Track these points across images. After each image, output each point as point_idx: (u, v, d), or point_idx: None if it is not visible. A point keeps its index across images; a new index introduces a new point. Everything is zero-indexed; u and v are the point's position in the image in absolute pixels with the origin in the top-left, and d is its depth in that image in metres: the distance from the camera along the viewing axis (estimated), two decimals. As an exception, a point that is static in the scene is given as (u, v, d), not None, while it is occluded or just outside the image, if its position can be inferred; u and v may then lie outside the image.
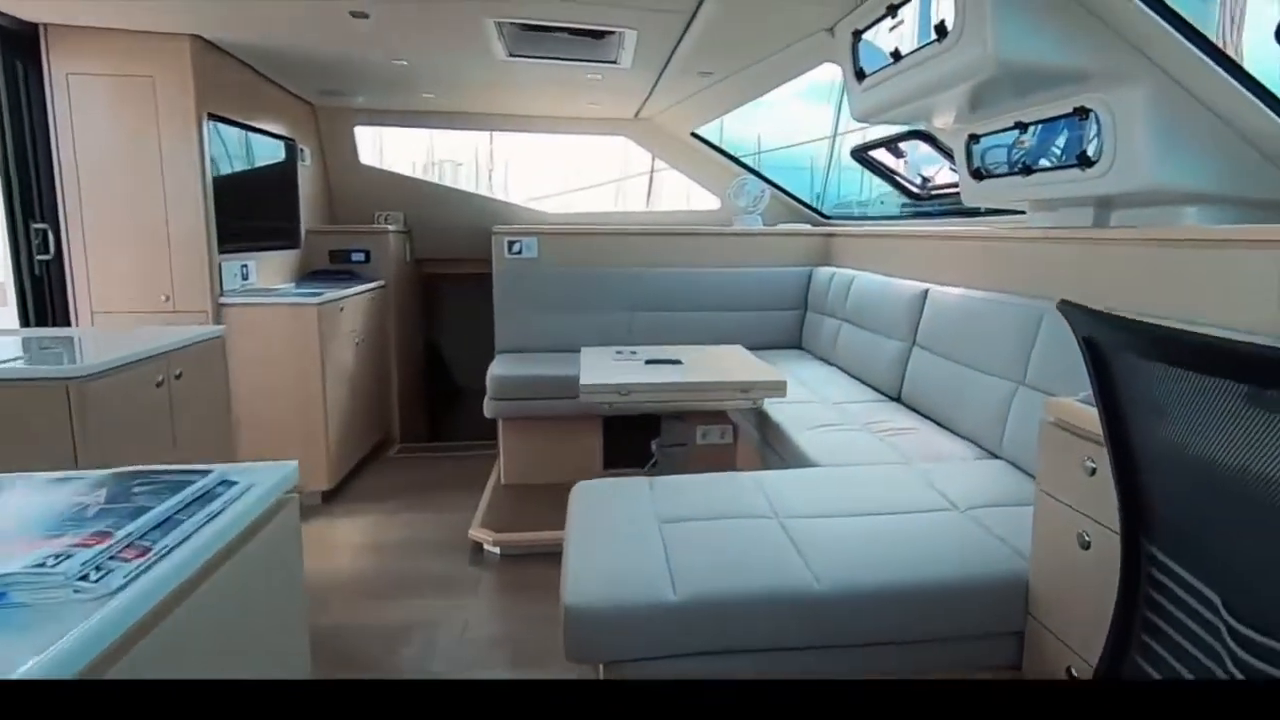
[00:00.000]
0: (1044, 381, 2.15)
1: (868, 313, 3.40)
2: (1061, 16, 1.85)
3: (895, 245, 3.56)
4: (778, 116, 6.15)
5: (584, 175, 8.57)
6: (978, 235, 2.82)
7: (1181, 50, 1.77)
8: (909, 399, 2.93)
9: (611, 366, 2.70)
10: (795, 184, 5.02)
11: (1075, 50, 1.89)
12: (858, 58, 2.58)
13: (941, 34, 2.00)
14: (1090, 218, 2.32)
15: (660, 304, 4.17)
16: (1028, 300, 2.37)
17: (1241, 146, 1.92)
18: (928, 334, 2.87)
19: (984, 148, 2.67)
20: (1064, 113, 2.19)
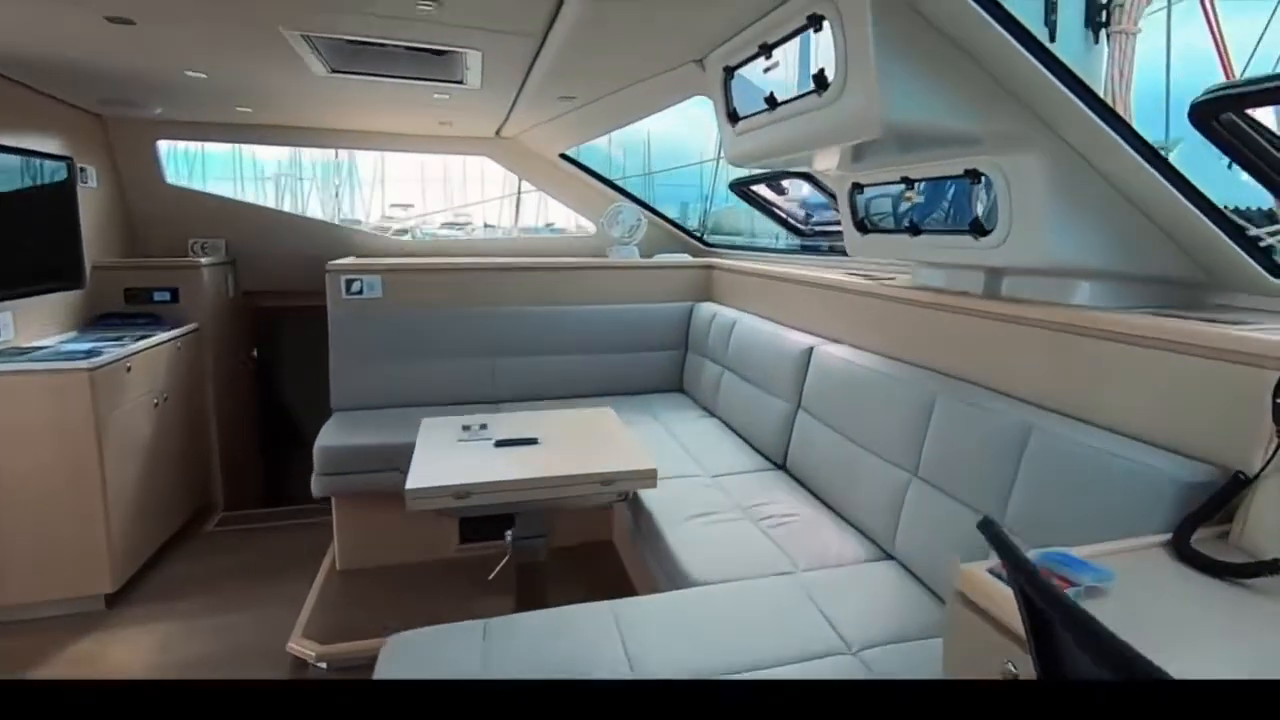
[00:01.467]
0: (939, 477, 1.93)
1: (751, 363, 3.14)
2: (953, 75, 1.61)
3: (779, 288, 3.32)
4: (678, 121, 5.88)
5: (462, 187, 8.05)
6: (866, 290, 2.60)
7: (1081, 117, 1.56)
8: (795, 468, 2.68)
9: (451, 455, 2.27)
10: (691, 196, 4.74)
11: (968, 113, 1.65)
12: (730, 97, 2.29)
13: (821, 85, 1.72)
14: (981, 283, 2.13)
15: (527, 347, 3.76)
16: (920, 373, 2.15)
17: (1137, 219, 1.76)
18: (814, 397, 2.63)
19: (869, 198, 2.44)
20: (954, 174, 1.97)
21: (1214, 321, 1.50)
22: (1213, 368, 1.41)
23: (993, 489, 1.73)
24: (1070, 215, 1.74)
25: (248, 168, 22.24)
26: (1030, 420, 1.68)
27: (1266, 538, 1.24)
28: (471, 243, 4.75)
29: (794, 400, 2.74)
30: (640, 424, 3.32)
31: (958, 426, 1.89)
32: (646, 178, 26.96)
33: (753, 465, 2.79)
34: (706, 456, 2.88)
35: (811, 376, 2.67)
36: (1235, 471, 1.30)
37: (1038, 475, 1.62)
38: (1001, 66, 1.58)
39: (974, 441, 1.82)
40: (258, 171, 21.64)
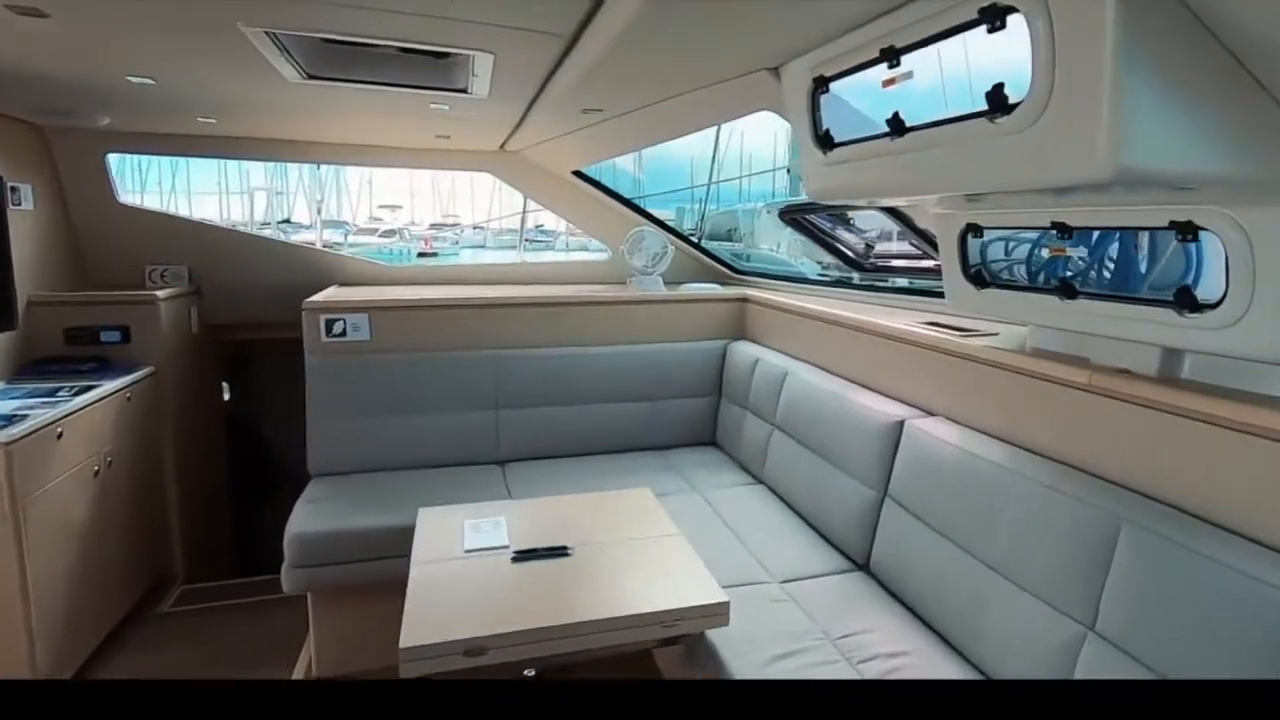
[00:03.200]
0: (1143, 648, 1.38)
1: (815, 429, 2.60)
2: (1224, 96, 1.08)
3: (836, 334, 2.78)
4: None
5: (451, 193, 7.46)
6: (978, 356, 2.07)
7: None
8: (883, 573, 2.14)
9: (457, 580, 1.74)
10: (684, 199, 4.22)
11: (1229, 151, 1.13)
12: (819, 115, 1.75)
13: (999, 106, 1.19)
14: (1155, 361, 1.61)
15: (535, 396, 3.22)
16: (1086, 484, 1.62)
17: None
18: (909, 487, 2.10)
19: (988, 241, 1.92)
20: (1149, 225, 1.45)
21: None
22: None
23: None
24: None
25: (233, 175, 21.62)
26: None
27: None
28: (470, 269, 4.20)
29: (879, 486, 2.21)
30: (676, 496, 2.79)
31: (1164, 577, 1.36)
32: (638, 181, 26.46)
33: (829, 564, 2.25)
34: (770, 549, 2.34)
35: (903, 459, 2.14)
36: None
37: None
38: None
39: (1198, 606, 1.29)
40: (244, 182, 20.97)
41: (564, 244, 18.80)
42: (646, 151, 26.56)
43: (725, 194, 17.08)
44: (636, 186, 24.66)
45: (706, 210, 19.18)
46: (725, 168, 16.56)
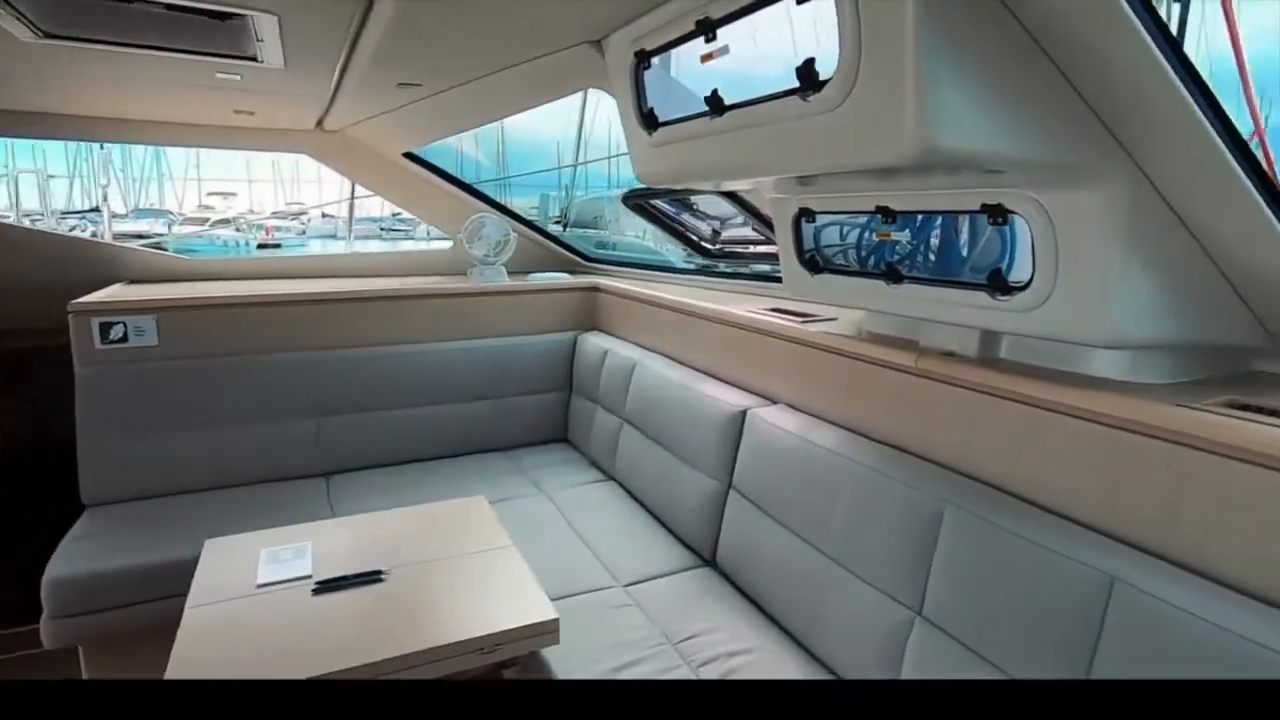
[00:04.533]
0: (964, 629, 1.40)
1: (661, 421, 2.54)
2: (1028, 81, 1.07)
3: (686, 324, 2.73)
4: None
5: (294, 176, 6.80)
6: (818, 343, 2.06)
7: (1201, 140, 1.09)
8: (729, 567, 2.11)
9: (238, 623, 1.51)
10: (550, 184, 4.08)
11: (1036, 135, 1.13)
12: (643, 93, 1.66)
13: (810, 84, 1.13)
14: (975, 343, 1.66)
15: (364, 401, 2.96)
16: (913, 467, 1.64)
17: (1212, 274, 1.33)
18: (752, 478, 2.07)
19: (822, 226, 1.91)
20: (964, 209, 1.47)
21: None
22: None
23: (1054, 660, 1.23)
24: (1141, 273, 1.27)
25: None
26: (1112, 569, 1.20)
27: None
28: (297, 261, 3.82)
29: (723, 478, 2.18)
30: (521, 500, 2.64)
31: (983, 556, 1.39)
32: (501, 167, 25.71)
33: (675, 563, 2.19)
34: (616, 551, 2.25)
35: (746, 449, 2.11)
36: None
37: (1137, 658, 1.13)
38: (1094, 64, 1.06)
39: (1013, 584, 1.32)
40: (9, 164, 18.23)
41: (425, 233, 17.91)
42: (511, 132, 25.87)
43: (596, 179, 16.77)
44: (500, 169, 24.03)
45: (574, 196, 18.90)
46: (595, 149, 16.32)
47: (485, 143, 24.56)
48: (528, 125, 29.59)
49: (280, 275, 3.51)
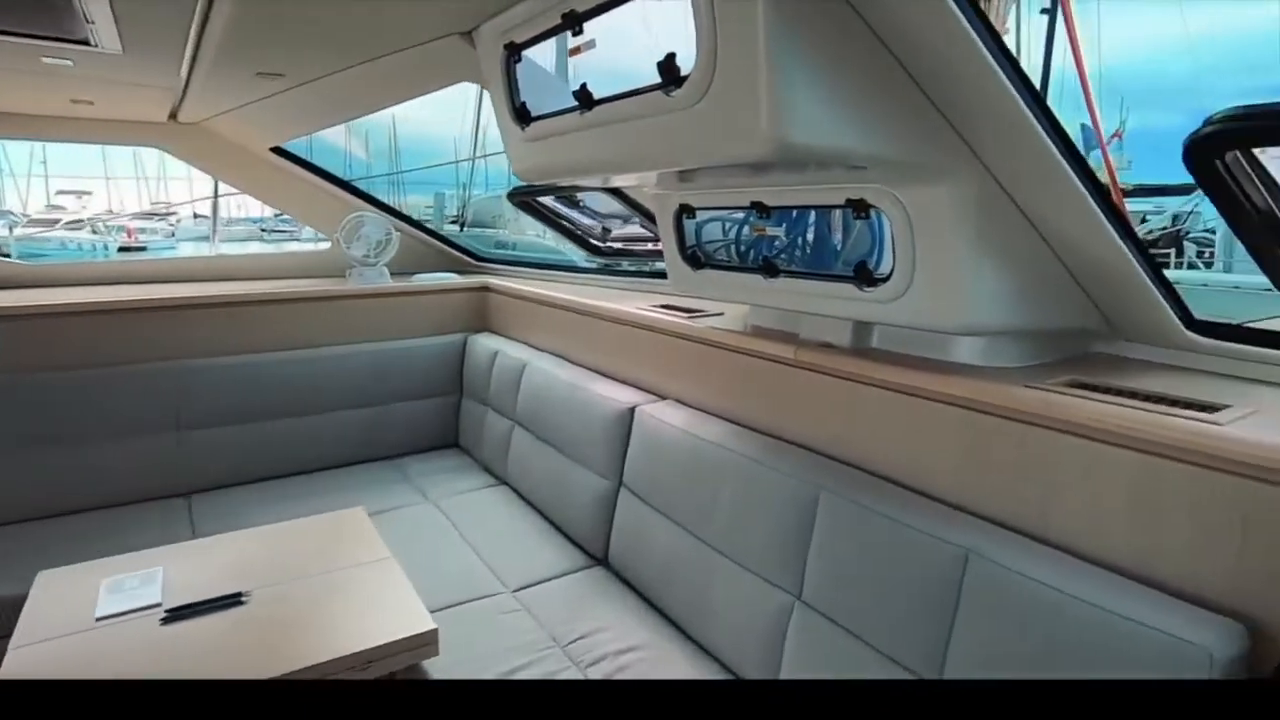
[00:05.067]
0: (834, 607, 1.46)
1: (551, 421, 2.52)
2: (875, 80, 1.12)
3: (578, 323, 2.72)
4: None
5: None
6: (701, 337, 2.10)
7: (1032, 141, 1.17)
8: (621, 565, 2.11)
9: (70, 659, 1.38)
10: (447, 182, 3.96)
11: (887, 132, 1.18)
12: (516, 86, 1.63)
13: (672, 79, 1.14)
14: (848, 334, 1.73)
15: (233, 413, 2.78)
16: (791, 457, 1.69)
17: (1053, 264, 1.44)
18: (641, 475, 2.08)
19: (701, 221, 1.94)
20: (830, 204, 1.52)
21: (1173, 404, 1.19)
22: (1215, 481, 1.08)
23: (919, 633, 1.30)
24: (991, 264, 1.36)
25: None
26: (967, 543, 1.27)
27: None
28: (160, 265, 3.56)
29: (613, 476, 2.18)
30: (405, 509, 2.56)
31: (854, 538, 1.45)
32: (393, 160, 24.63)
33: (567, 564, 2.18)
34: (506, 555, 2.21)
35: (635, 447, 2.12)
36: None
37: (988, 622, 1.21)
38: (937, 66, 1.12)
39: (880, 563, 1.38)
40: None
41: (312, 234, 16.94)
42: (406, 127, 24.83)
43: (498, 177, 16.28)
44: (392, 165, 23.14)
45: (472, 195, 18.30)
46: (495, 144, 15.92)
47: (375, 138, 23.65)
48: (423, 119, 28.65)
49: (140, 280, 3.24)
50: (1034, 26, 9.80)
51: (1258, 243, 1.22)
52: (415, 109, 19.01)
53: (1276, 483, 1.02)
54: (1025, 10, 6.03)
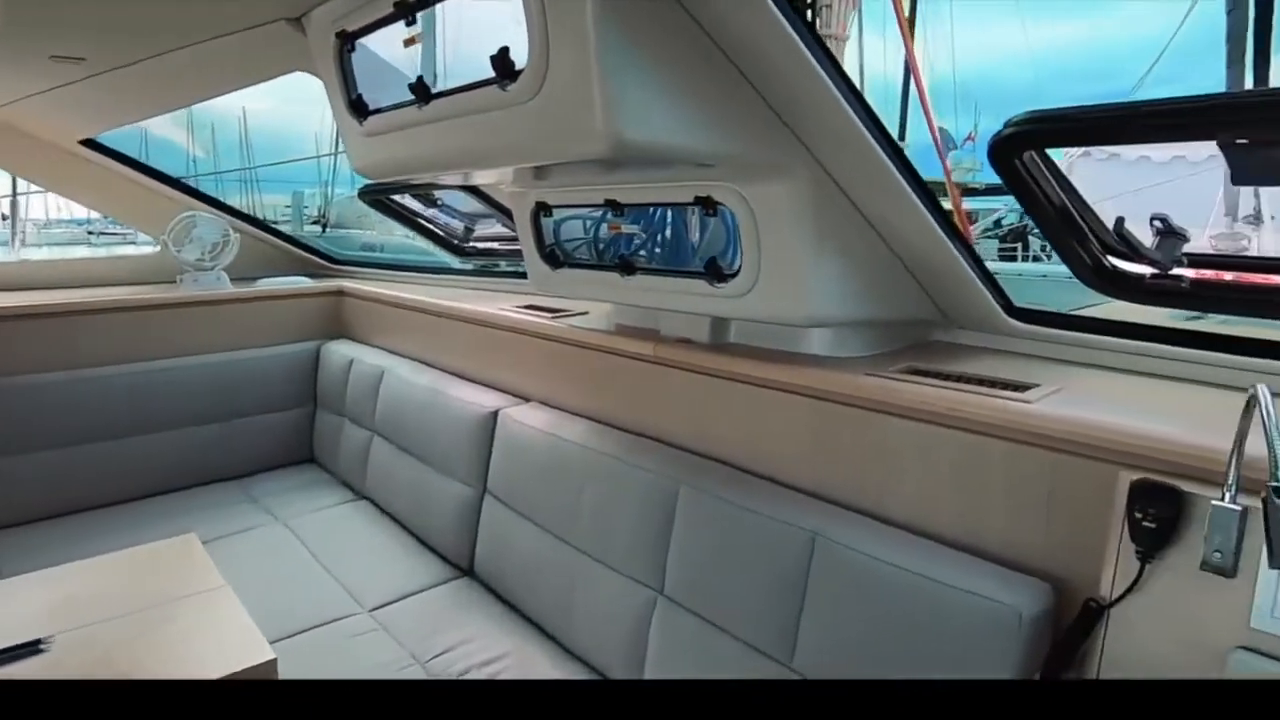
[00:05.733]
0: (695, 599, 1.50)
1: (411, 429, 2.43)
2: (710, 79, 1.15)
3: (440, 326, 2.64)
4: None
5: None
6: (563, 336, 2.09)
7: (857, 141, 1.24)
8: (488, 574, 2.07)
9: None
10: (307, 180, 3.71)
11: (724, 131, 1.22)
12: (351, 78, 1.56)
13: (507, 74, 1.12)
14: (706, 329, 1.78)
15: (45, 438, 2.50)
16: (652, 453, 1.71)
17: (889, 259, 1.54)
18: (506, 480, 2.05)
19: (560, 220, 1.93)
20: (680, 201, 1.56)
21: (992, 385, 1.30)
22: (1026, 454, 1.19)
23: (772, 617, 1.36)
24: (831, 259, 1.43)
25: None
26: (814, 526, 1.34)
27: (1129, 680, 1.02)
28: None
29: (477, 483, 2.13)
30: (250, 533, 2.39)
31: (712, 529, 1.49)
32: (245, 156, 22.89)
33: (431, 577, 2.11)
34: (364, 573, 2.11)
35: (499, 451, 2.08)
36: (1086, 599, 1.07)
37: (832, 600, 1.28)
38: (768, 68, 1.16)
39: (736, 552, 1.43)
40: None
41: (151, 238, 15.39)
42: (261, 120, 23.00)
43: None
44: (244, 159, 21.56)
45: (334, 194, 17.24)
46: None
47: (224, 131, 22.03)
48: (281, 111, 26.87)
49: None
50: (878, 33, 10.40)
51: (1056, 235, 1.35)
52: (270, 99, 17.82)
53: (1073, 452, 1.13)
54: (884, 17, 6.41)
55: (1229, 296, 1.31)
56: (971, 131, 15.34)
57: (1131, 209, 1.37)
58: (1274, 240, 5.74)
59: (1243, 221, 5.82)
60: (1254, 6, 5.69)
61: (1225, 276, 1.32)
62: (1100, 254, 1.38)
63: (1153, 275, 1.34)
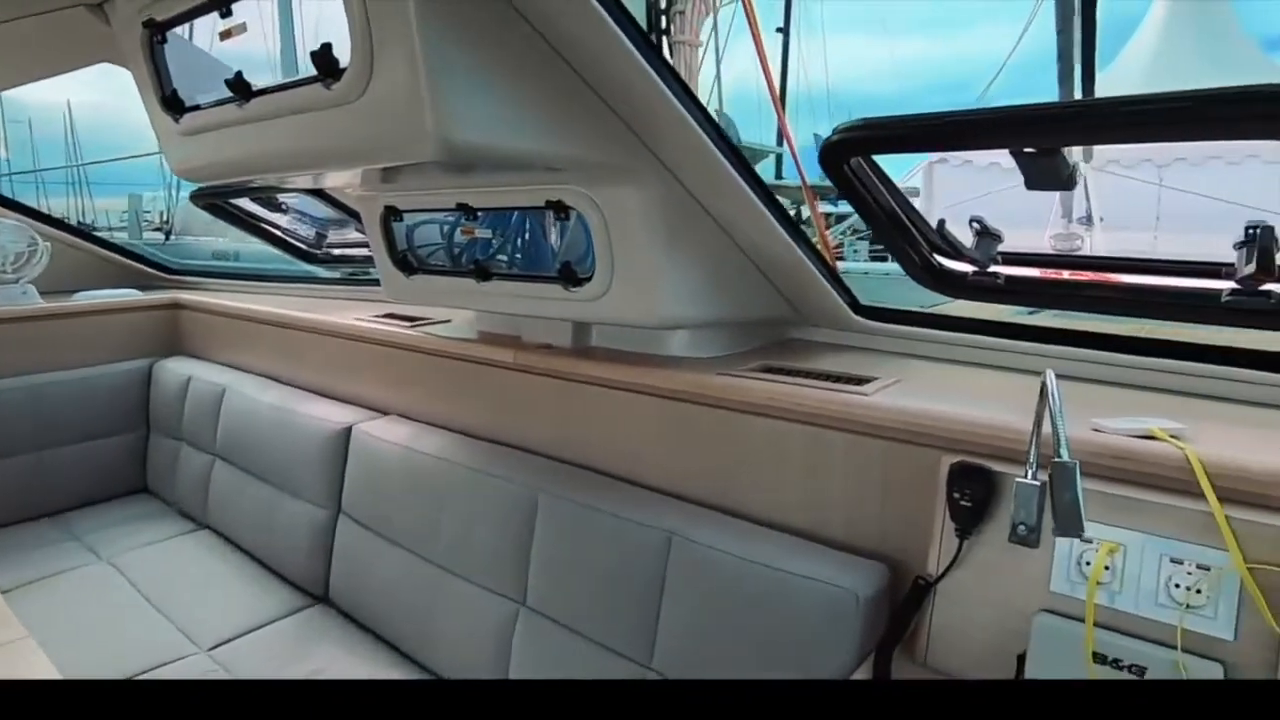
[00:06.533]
0: (557, 607, 1.51)
1: (257, 450, 2.30)
2: (542, 81, 1.16)
3: (290, 338, 2.52)
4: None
5: None
6: (420, 345, 2.05)
7: (698, 145, 1.29)
8: (344, 600, 1.99)
9: None
10: (150, 181, 3.41)
11: (564, 133, 1.24)
12: (164, 72, 1.46)
13: (329, 71, 1.09)
14: (569, 334, 1.79)
15: None
16: (513, 461, 1.71)
17: (740, 260, 1.61)
18: (362, 498, 1.98)
19: (413, 225, 1.89)
20: (532, 205, 1.56)
21: (836, 380, 1.39)
22: (863, 443, 1.28)
23: (632, 619, 1.39)
24: (681, 261, 1.48)
25: None
26: (670, 526, 1.38)
27: (952, 654, 1.12)
28: None
29: (330, 504, 2.05)
30: (66, 575, 2.18)
31: (572, 536, 1.50)
32: (72, 154, 20.98)
33: (278, 608, 2.00)
34: (199, 612, 1.98)
35: (354, 468, 2.01)
36: (915, 577, 1.16)
37: (688, 597, 1.33)
38: (605, 73, 1.19)
39: (595, 557, 1.45)
40: None
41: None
42: (88, 114, 21.12)
43: None
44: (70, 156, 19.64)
45: (180, 197, 15.94)
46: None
47: (47, 126, 20.10)
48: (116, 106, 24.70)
49: None
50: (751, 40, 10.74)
51: (887, 236, 1.46)
52: (98, 92, 16.29)
53: (902, 440, 1.23)
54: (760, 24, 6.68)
55: (1038, 291, 1.46)
56: (792, 141, 16.11)
57: (985, 211, 1.48)
58: (1104, 239, 6.44)
59: (1077, 222, 6.47)
60: (1079, 29, 6.32)
61: (1033, 273, 1.46)
62: (928, 254, 1.50)
63: (974, 273, 1.47)
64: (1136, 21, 10.02)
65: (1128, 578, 0.96)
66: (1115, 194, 7.05)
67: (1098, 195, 6.45)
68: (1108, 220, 6.57)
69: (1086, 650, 0.94)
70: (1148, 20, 9.76)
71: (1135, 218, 7.47)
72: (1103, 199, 6.40)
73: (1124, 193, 7.17)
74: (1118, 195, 7.05)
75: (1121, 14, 8.30)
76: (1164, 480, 0.99)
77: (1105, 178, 6.76)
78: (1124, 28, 10.19)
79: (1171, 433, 1.04)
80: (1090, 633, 0.94)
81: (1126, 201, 7.13)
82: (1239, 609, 0.89)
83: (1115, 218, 6.72)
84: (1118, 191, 7.01)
